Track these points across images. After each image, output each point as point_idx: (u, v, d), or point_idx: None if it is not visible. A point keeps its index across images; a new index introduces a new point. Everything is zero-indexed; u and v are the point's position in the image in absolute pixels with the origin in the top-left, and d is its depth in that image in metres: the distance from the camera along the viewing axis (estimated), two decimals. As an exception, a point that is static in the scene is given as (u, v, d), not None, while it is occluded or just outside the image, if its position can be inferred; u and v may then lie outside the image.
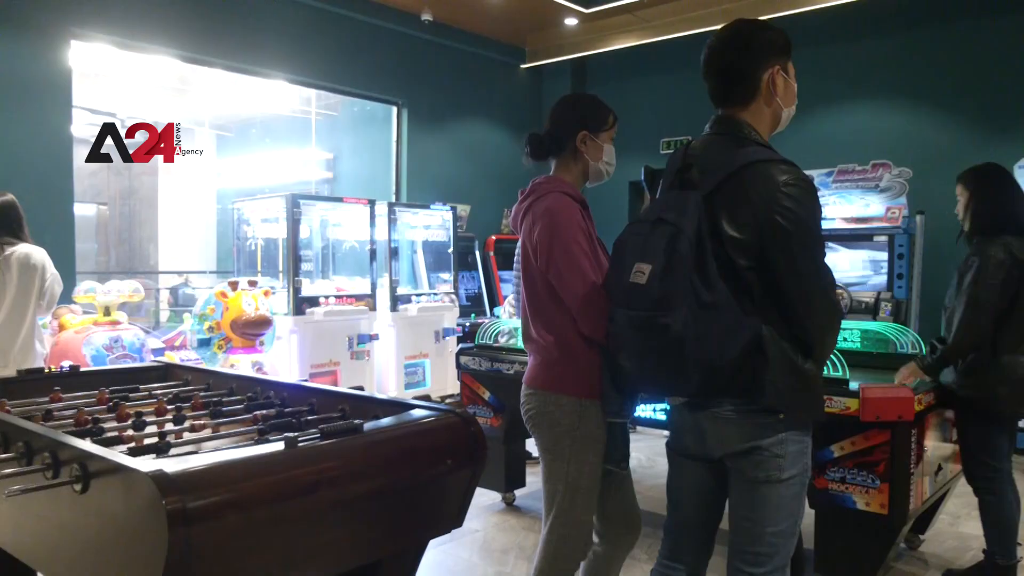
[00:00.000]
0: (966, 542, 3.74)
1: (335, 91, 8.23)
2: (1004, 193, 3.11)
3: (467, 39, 8.65)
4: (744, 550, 1.76)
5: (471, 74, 8.86)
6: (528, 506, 4.27)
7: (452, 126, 8.72)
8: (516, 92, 9.45)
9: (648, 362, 1.72)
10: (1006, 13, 6.76)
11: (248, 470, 1.58)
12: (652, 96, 8.34)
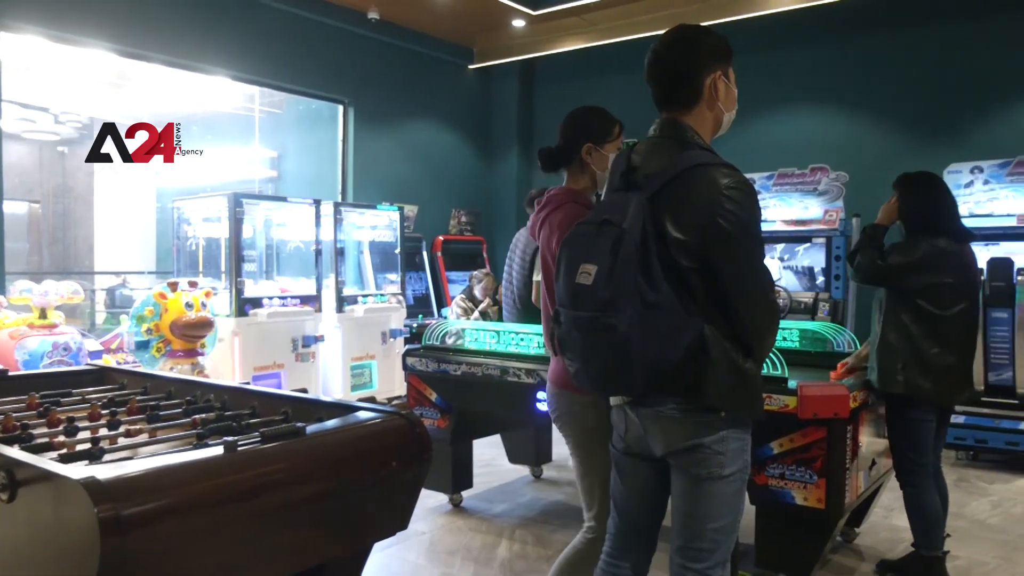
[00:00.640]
0: (899, 534, 3.87)
1: (279, 89, 8.10)
2: (929, 198, 3.21)
3: (414, 38, 8.61)
4: (686, 546, 1.80)
5: (419, 74, 8.81)
6: (475, 507, 4.27)
7: (399, 126, 8.66)
8: (464, 92, 9.44)
9: (593, 362, 1.74)
10: (938, 25, 7.02)
11: (186, 475, 1.55)
12: (600, 99, 8.32)
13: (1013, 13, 6.67)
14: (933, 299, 3.05)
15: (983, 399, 5.15)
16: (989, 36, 6.78)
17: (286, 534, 1.73)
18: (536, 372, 3.60)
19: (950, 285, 3.06)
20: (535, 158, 10.08)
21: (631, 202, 1.70)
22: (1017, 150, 6.05)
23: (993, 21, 6.77)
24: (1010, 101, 6.71)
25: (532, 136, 9.68)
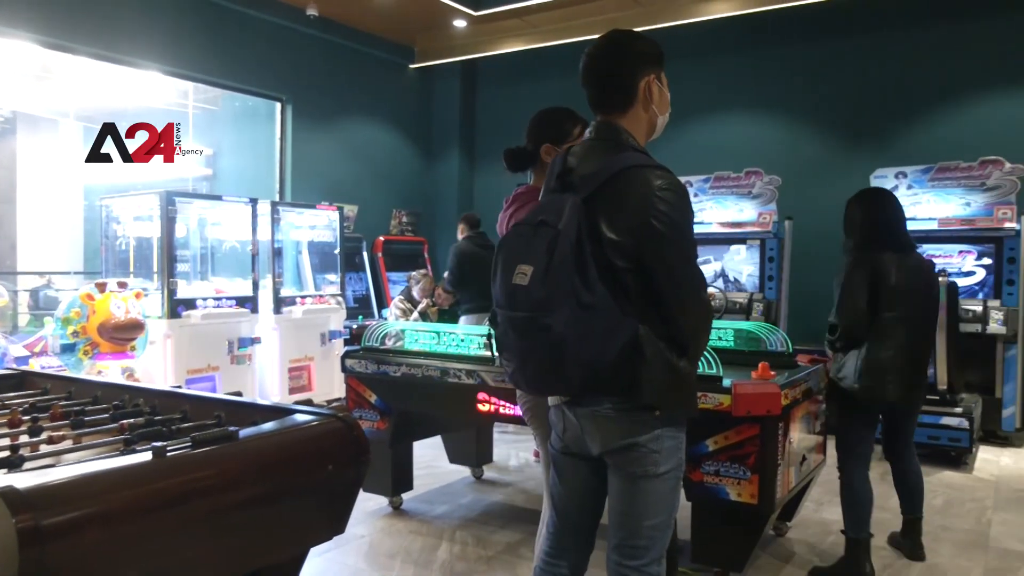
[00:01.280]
0: (828, 527, 4.00)
1: (214, 85, 7.90)
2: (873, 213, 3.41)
3: (354, 36, 8.51)
4: (622, 544, 1.82)
5: (359, 72, 8.72)
6: (415, 509, 4.24)
7: (339, 124, 8.55)
8: (405, 92, 9.38)
9: (530, 363, 1.75)
10: (866, 35, 7.28)
11: (111, 483, 1.49)
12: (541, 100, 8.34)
13: (934, 24, 6.97)
14: (877, 304, 3.26)
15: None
16: (913, 46, 7.06)
17: (218, 541, 1.69)
18: (477, 373, 3.60)
19: (892, 290, 3.26)
20: (477, 158, 10.14)
21: (566, 203, 1.72)
22: (939, 156, 6.32)
23: (917, 32, 7.05)
24: (932, 109, 7.00)
25: (474, 137, 9.68)
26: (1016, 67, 6.65)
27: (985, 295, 6.02)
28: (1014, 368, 5.79)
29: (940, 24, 6.95)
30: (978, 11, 6.78)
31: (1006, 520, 4.16)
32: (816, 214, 7.09)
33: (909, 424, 3.60)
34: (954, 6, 6.84)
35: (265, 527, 1.79)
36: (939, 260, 5.93)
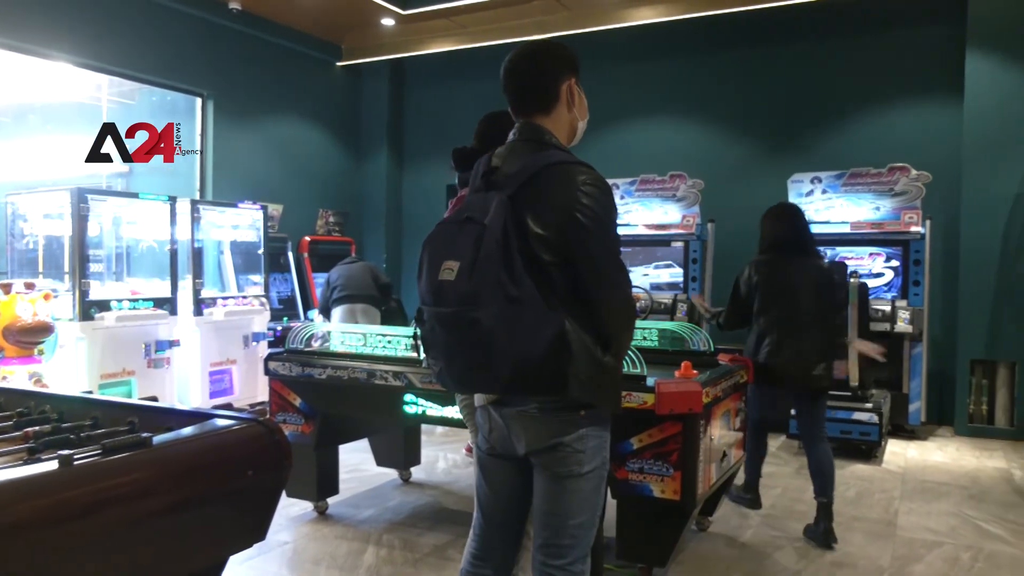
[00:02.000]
0: (748, 520, 4.12)
1: (131, 78, 7.60)
2: (775, 225, 4.02)
3: (279, 32, 8.33)
4: (548, 543, 1.84)
5: (284, 68, 8.54)
6: (341, 514, 4.18)
7: (263, 121, 8.35)
8: (333, 90, 9.24)
9: (457, 359, 1.75)
10: (783, 44, 7.54)
11: (13, 494, 1.42)
12: (470, 101, 8.45)
13: (848, 37, 7.27)
14: (766, 304, 3.86)
15: (822, 392, 5.57)
16: (828, 57, 7.36)
17: (131, 552, 1.62)
18: (404, 375, 3.58)
19: (780, 288, 3.84)
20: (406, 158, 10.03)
21: (492, 200, 1.73)
22: (851, 162, 6.59)
23: (832, 44, 7.35)
24: (846, 118, 7.30)
25: (403, 136, 9.61)
26: (921, 79, 7.00)
27: (893, 295, 6.31)
28: (919, 365, 6.10)
29: (853, 37, 7.25)
30: (888, 26, 7.10)
31: (912, 509, 4.38)
32: (737, 217, 7.30)
33: (815, 408, 3.96)
34: (865, 21, 7.15)
35: (181, 536, 1.73)
36: (851, 262, 6.20)
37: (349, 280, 6.41)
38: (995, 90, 6.38)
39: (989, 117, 6.39)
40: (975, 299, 6.45)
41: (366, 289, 6.40)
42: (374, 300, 6.43)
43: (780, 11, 7.16)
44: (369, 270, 6.57)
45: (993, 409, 6.44)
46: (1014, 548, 3.78)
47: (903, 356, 6.09)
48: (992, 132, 6.37)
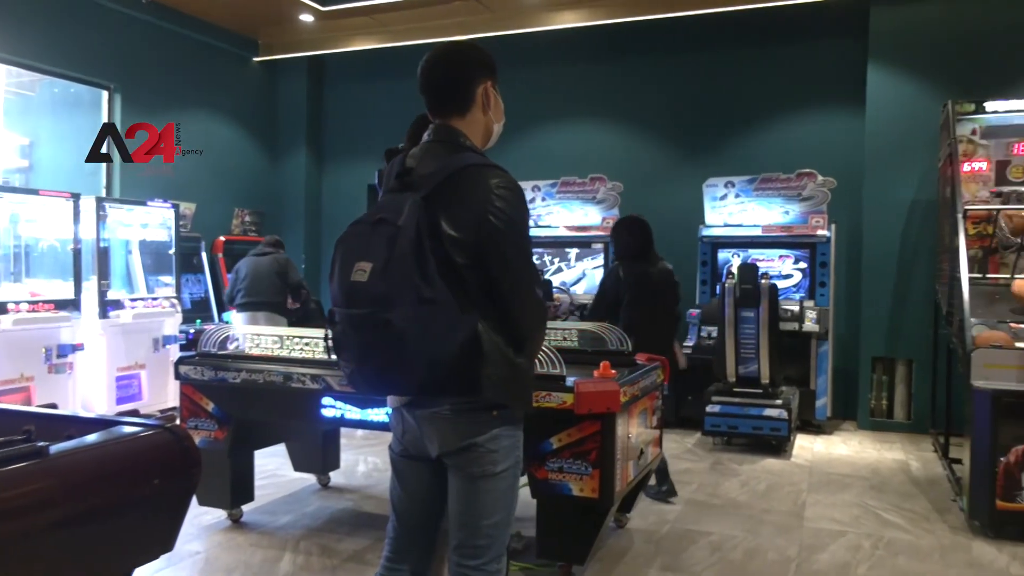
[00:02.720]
0: (664, 516, 4.22)
1: (31, 69, 7.21)
2: (630, 236, 4.69)
3: (192, 25, 8.06)
4: (463, 544, 1.84)
5: (197, 62, 8.26)
6: (257, 521, 4.07)
7: (174, 116, 7.99)
8: (249, 86, 8.99)
9: (369, 361, 1.73)
10: (701, 52, 7.75)
11: None
12: (392, 100, 8.37)
13: (760, 46, 7.54)
14: (634, 300, 4.45)
15: (735, 389, 5.77)
16: (741, 65, 7.61)
17: (27, 567, 1.54)
18: (322, 377, 3.51)
19: (631, 287, 4.44)
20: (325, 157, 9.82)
21: (406, 202, 1.72)
22: (762, 168, 6.84)
23: (745, 52, 7.60)
24: (757, 124, 7.57)
25: (322, 135, 9.43)
26: (826, 90, 7.32)
27: (801, 296, 6.58)
28: (825, 363, 6.37)
29: (764, 47, 7.53)
30: (796, 37, 7.39)
31: (818, 501, 4.57)
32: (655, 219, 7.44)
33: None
34: (775, 32, 7.43)
35: (82, 549, 1.65)
36: (762, 264, 6.42)
37: (253, 282, 6.19)
38: (894, 101, 6.73)
39: (889, 127, 6.73)
40: (876, 299, 6.79)
41: (270, 294, 6.19)
42: (278, 307, 6.21)
43: (696, 20, 7.37)
44: (277, 267, 6.31)
45: (892, 404, 6.79)
46: (910, 535, 3.99)
47: (811, 354, 6.36)
48: (891, 141, 6.72)
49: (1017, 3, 6.35)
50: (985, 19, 6.44)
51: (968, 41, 6.49)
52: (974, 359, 4.06)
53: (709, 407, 5.78)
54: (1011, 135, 5.74)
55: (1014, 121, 5.74)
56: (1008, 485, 3.87)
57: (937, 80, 6.55)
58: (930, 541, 3.90)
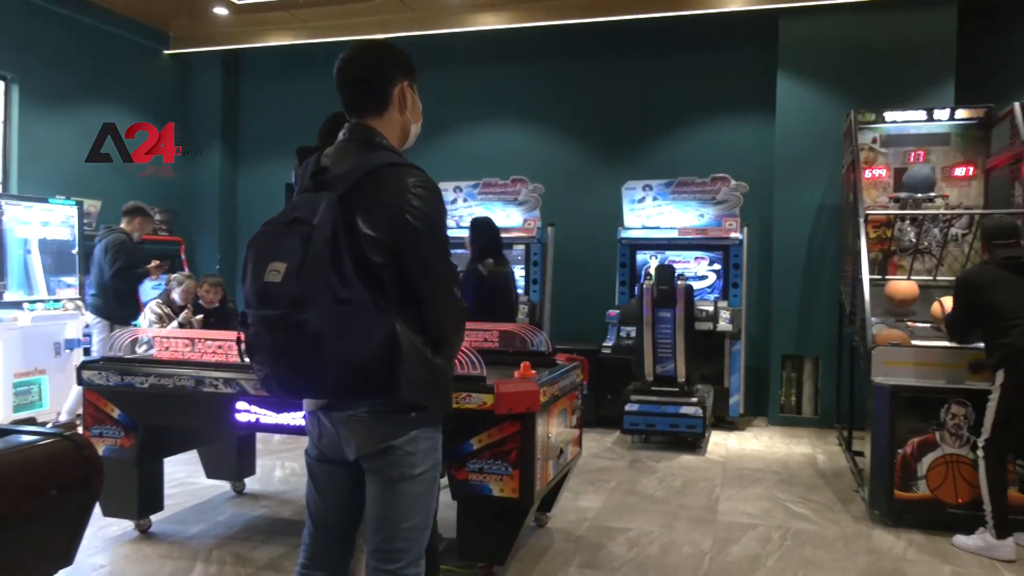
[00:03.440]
0: (584, 514, 4.28)
1: (-83, 54, 6.77)
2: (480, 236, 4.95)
3: (98, 14, 7.71)
4: (381, 548, 1.81)
5: (103, 53, 7.90)
6: (166, 531, 3.92)
7: (79, 109, 7.68)
8: (159, 79, 8.66)
9: (283, 364, 1.69)
10: (621, 57, 7.90)
11: None
12: (311, 98, 8.17)
13: (677, 54, 7.73)
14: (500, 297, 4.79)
15: (652, 388, 5.89)
16: (658, 71, 7.79)
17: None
18: (235, 381, 3.41)
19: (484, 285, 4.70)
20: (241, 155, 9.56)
21: (321, 201, 1.69)
22: (679, 172, 7.02)
23: (661, 58, 7.79)
24: (673, 129, 7.76)
25: (237, 132, 9.17)
26: (739, 97, 7.57)
27: (716, 297, 6.79)
28: (738, 361, 6.59)
29: (681, 55, 7.72)
30: (711, 46, 7.62)
31: (731, 495, 4.71)
32: (575, 221, 7.60)
33: None
34: (691, 40, 7.63)
35: (-31, 567, 1.56)
36: (679, 265, 6.58)
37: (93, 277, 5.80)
38: (802, 110, 7.02)
39: (797, 134, 7.02)
40: (785, 299, 7.06)
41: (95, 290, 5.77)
42: (97, 308, 5.79)
43: (616, 26, 7.51)
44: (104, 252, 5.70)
45: (801, 400, 7.07)
46: (816, 525, 4.16)
47: (724, 353, 6.56)
48: (799, 148, 7.00)
49: (915, 19, 6.71)
50: (885, 33, 6.79)
51: (870, 53, 6.82)
52: (874, 356, 4.28)
53: (628, 406, 5.88)
54: (908, 144, 6.07)
55: (911, 131, 6.07)
56: (905, 476, 4.09)
57: (841, 90, 6.87)
58: (834, 531, 4.08)
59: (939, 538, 3.92)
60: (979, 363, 4.00)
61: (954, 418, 4.03)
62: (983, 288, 3.86)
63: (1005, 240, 3.93)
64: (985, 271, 3.96)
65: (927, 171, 5.73)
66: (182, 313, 5.81)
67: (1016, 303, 3.74)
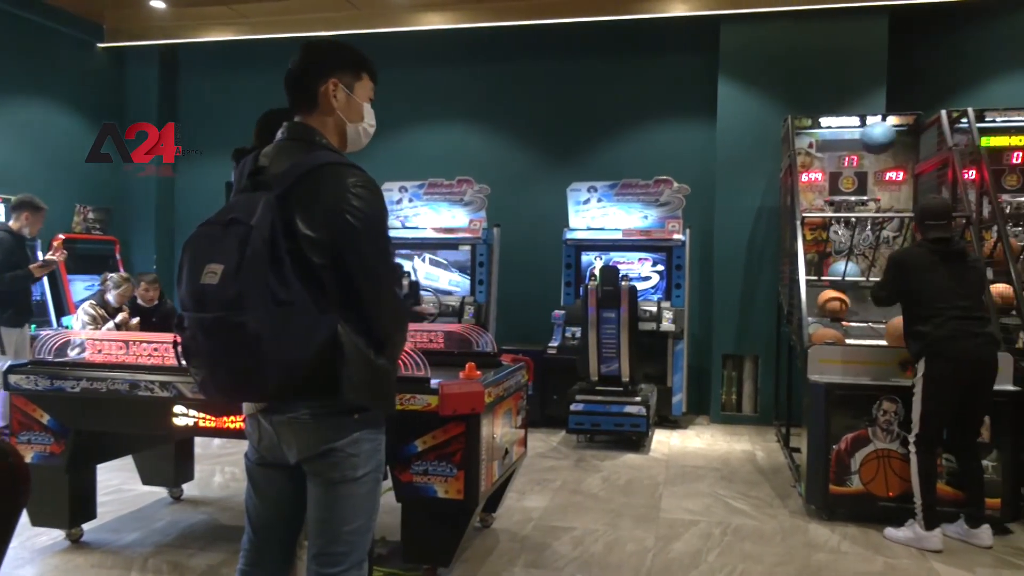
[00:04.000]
0: (529, 514, 4.29)
1: None
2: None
3: (26, 3, 7.42)
4: (322, 552, 1.79)
5: (32, 45, 7.62)
6: (99, 540, 3.79)
7: (6, 104, 7.38)
8: (93, 73, 8.38)
9: (221, 367, 1.66)
10: (566, 60, 7.95)
11: None
12: (252, 95, 7.98)
13: (620, 57, 7.83)
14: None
15: (597, 388, 5.95)
16: (604, 74, 7.87)
17: None
18: (172, 385, 3.32)
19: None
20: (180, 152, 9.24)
21: (259, 201, 1.66)
22: (623, 174, 7.10)
23: (606, 62, 7.87)
24: (618, 131, 7.85)
25: (176, 129, 8.89)
26: (682, 101, 7.70)
27: (659, 297, 6.89)
28: (681, 360, 6.70)
29: (626, 58, 7.82)
30: (655, 51, 7.74)
31: (674, 493, 4.79)
32: (521, 222, 7.62)
33: None
34: (636, 44, 7.74)
35: None
36: (623, 266, 6.66)
37: None
38: (742, 114, 7.18)
39: (737, 138, 7.17)
40: (726, 300, 7.22)
41: None
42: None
43: (561, 29, 7.57)
44: None
45: (741, 398, 7.23)
46: (755, 520, 4.26)
47: (667, 353, 6.66)
48: (740, 152, 7.16)
49: (849, 28, 6.93)
50: (821, 41, 7.00)
51: (806, 60, 7.02)
52: (810, 355, 4.40)
53: (573, 406, 5.93)
54: (843, 149, 6.28)
55: (845, 136, 6.27)
56: (840, 471, 4.22)
57: (779, 95, 7.05)
58: (773, 525, 4.18)
59: (871, 530, 4.05)
60: (908, 361, 4.15)
61: (885, 414, 4.17)
62: (913, 274, 3.96)
63: (937, 221, 4.04)
64: (918, 256, 4.03)
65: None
66: (119, 315, 5.63)
67: (940, 294, 3.87)
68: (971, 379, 3.83)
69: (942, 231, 4.01)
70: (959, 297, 3.87)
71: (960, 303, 3.85)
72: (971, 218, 4.91)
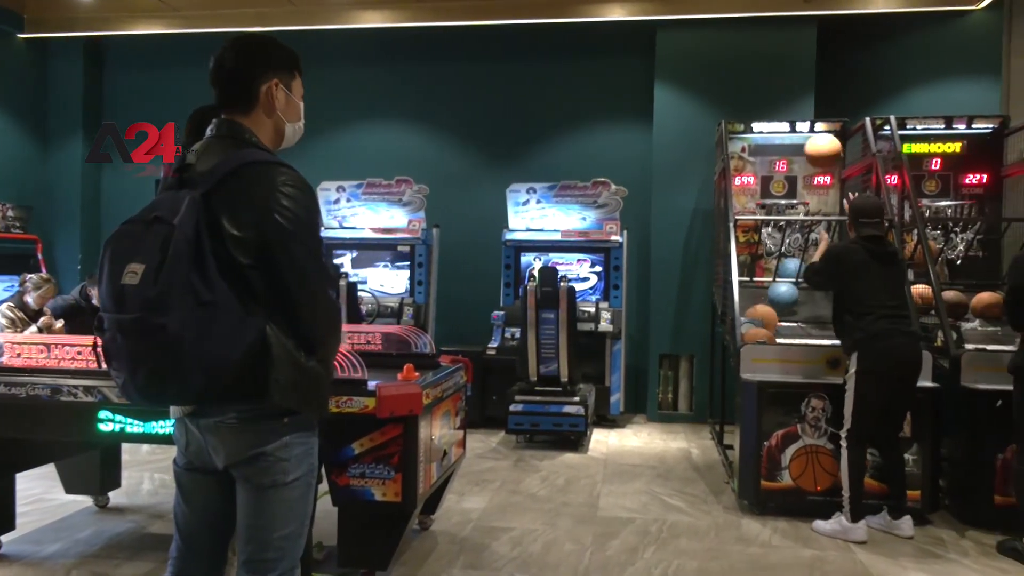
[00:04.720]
0: (468, 515, 4.28)
1: None
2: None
3: (-61, -9, 7.07)
4: (252, 558, 1.74)
5: (-55, 34, 7.24)
6: (19, 552, 3.63)
7: (-84, 95, 7.01)
8: (11, 65, 8.03)
9: (141, 369, 1.60)
10: (504, 62, 7.97)
11: None
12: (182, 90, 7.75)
13: (558, 60, 7.89)
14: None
15: (536, 388, 5.98)
16: (542, 76, 7.92)
17: None
18: (97, 389, 3.19)
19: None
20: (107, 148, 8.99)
21: (184, 199, 1.61)
22: (562, 175, 7.15)
23: (545, 64, 7.92)
24: (556, 133, 7.92)
25: (101, 124, 8.60)
26: (619, 104, 7.81)
27: (597, 298, 6.97)
28: (619, 360, 6.78)
29: (564, 61, 7.88)
30: (593, 54, 7.82)
31: (612, 491, 4.85)
32: (460, 223, 7.61)
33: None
34: (574, 47, 7.81)
35: None
36: (561, 267, 6.72)
37: None
38: (677, 118, 7.31)
39: (673, 142, 7.31)
40: (663, 300, 7.34)
41: None
42: None
43: (500, 31, 7.58)
44: None
45: (677, 397, 7.37)
46: (690, 517, 4.34)
47: (605, 353, 6.74)
48: (675, 155, 7.29)
49: (780, 36, 7.13)
50: (753, 48, 7.19)
51: (739, 66, 7.20)
52: (743, 354, 4.51)
53: (512, 406, 5.94)
54: (774, 153, 6.45)
55: (776, 141, 6.46)
56: (771, 466, 4.33)
57: (713, 100, 7.21)
58: (707, 521, 4.27)
59: (801, 524, 4.17)
60: (836, 360, 4.29)
61: (813, 411, 4.30)
62: (848, 271, 4.07)
63: (870, 219, 4.17)
64: (854, 254, 4.11)
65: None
66: (41, 319, 5.40)
67: (874, 293, 4.00)
68: (899, 375, 3.98)
69: (874, 228, 4.15)
70: (889, 296, 4.02)
71: (889, 302, 4.00)
72: (893, 221, 5.10)
